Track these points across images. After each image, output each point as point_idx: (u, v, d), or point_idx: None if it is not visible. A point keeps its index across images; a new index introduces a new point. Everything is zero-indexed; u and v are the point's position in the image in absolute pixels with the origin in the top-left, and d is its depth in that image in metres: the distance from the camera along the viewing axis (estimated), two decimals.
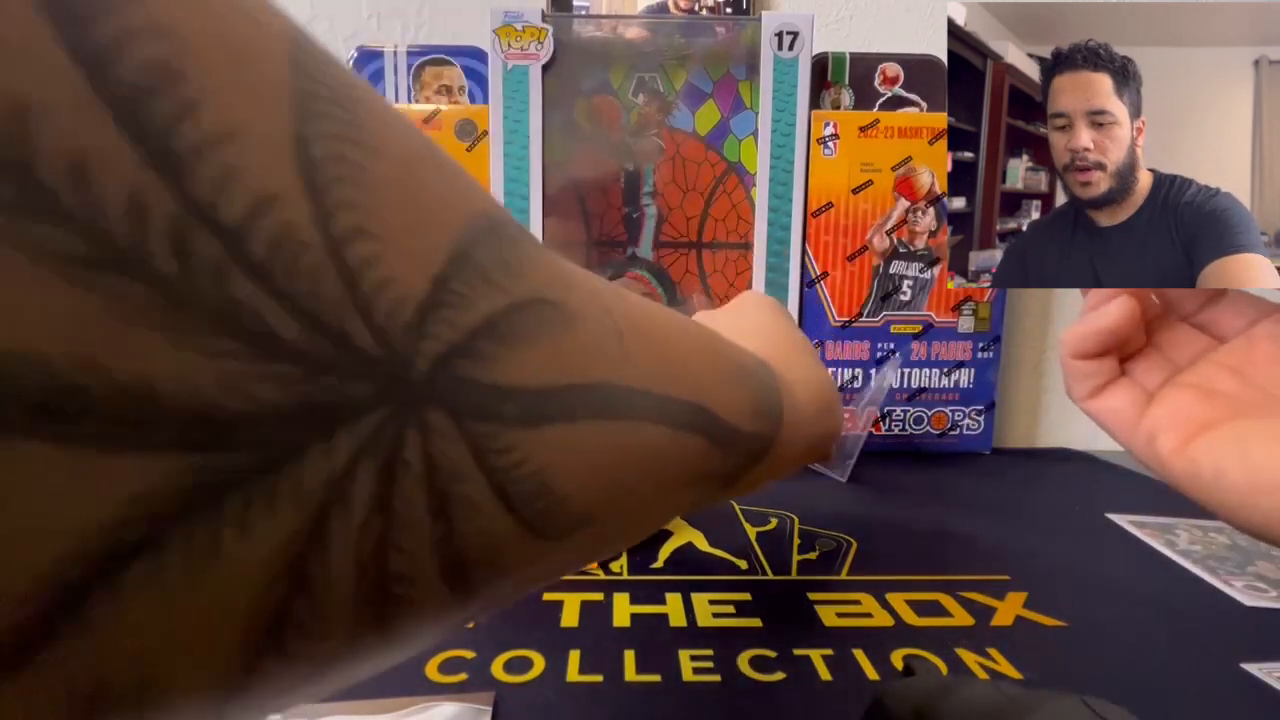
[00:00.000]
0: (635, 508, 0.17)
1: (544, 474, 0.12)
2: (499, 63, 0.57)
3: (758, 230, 0.60)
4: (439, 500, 0.10)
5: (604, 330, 0.14)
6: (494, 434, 0.11)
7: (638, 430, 0.15)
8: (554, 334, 0.13)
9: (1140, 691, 0.29)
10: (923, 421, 0.63)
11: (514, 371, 0.11)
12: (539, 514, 0.12)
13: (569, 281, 0.14)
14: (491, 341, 0.11)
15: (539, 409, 0.12)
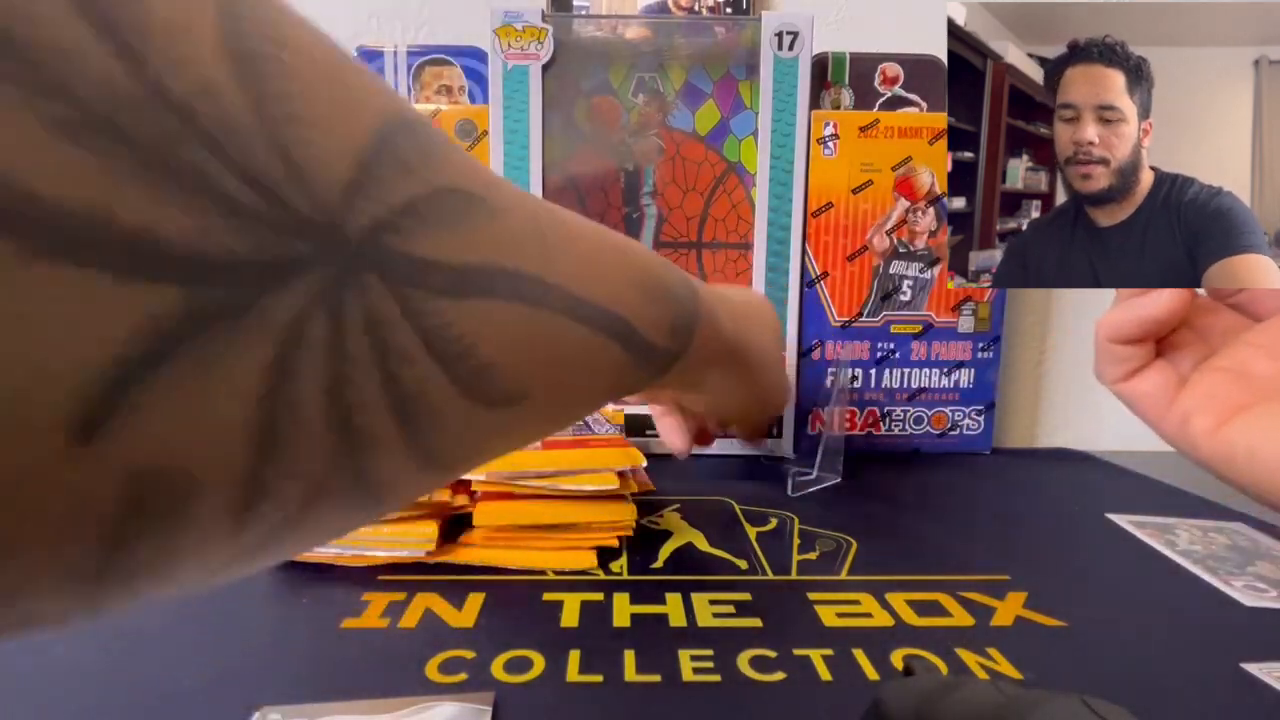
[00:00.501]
0: (563, 393, 0.19)
1: (469, 338, 0.15)
2: (499, 63, 0.57)
3: (758, 230, 0.60)
4: (379, 346, 0.13)
5: (527, 229, 0.17)
6: (420, 297, 0.13)
7: (558, 322, 0.18)
8: (474, 221, 0.15)
9: (1140, 691, 0.29)
10: (923, 421, 0.63)
11: (434, 247, 0.14)
12: (469, 375, 0.15)
13: (492, 182, 0.16)
14: (413, 220, 0.13)
15: (459, 283, 0.14)
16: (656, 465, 0.51)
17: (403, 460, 0.14)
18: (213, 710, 0.26)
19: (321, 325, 0.12)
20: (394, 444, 0.14)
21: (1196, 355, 0.29)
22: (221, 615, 0.33)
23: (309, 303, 0.11)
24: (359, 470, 0.13)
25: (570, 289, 0.18)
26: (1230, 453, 0.26)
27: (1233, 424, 0.26)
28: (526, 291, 0.16)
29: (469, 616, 0.33)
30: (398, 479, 0.14)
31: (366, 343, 0.12)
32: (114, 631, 0.31)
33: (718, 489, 0.51)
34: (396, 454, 0.14)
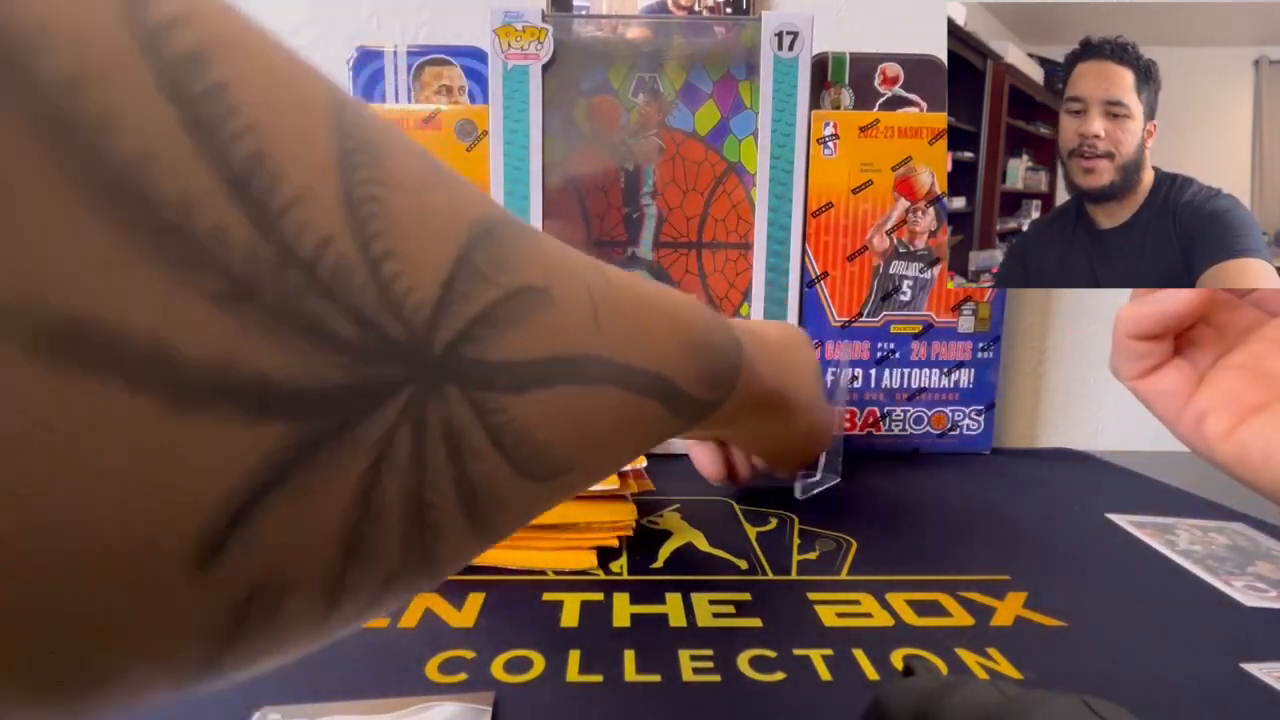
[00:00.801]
0: (605, 455, 0.21)
1: (528, 428, 0.16)
2: (499, 63, 0.57)
3: (758, 230, 0.60)
4: (454, 449, 0.14)
5: (581, 308, 0.18)
6: (490, 399, 0.14)
7: (604, 394, 0.19)
8: (537, 316, 0.16)
9: (1140, 691, 0.29)
10: (923, 421, 0.63)
11: (504, 349, 0.15)
12: (525, 458, 0.16)
13: (554, 267, 0.17)
14: (487, 327, 0.14)
15: (524, 378, 0.15)
16: (656, 465, 0.51)
17: (465, 540, 0.15)
18: (213, 710, 0.26)
19: (407, 437, 0.13)
20: (460, 529, 0.15)
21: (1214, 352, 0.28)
22: None
23: (398, 418, 0.12)
24: (428, 556, 0.14)
25: (618, 359, 0.19)
26: (1245, 454, 0.26)
27: (1248, 425, 0.26)
28: (579, 372, 0.17)
29: (469, 616, 0.33)
30: (459, 555, 0.16)
31: (444, 448, 0.14)
32: None
33: (718, 489, 0.51)
34: (461, 536, 0.15)
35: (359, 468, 0.12)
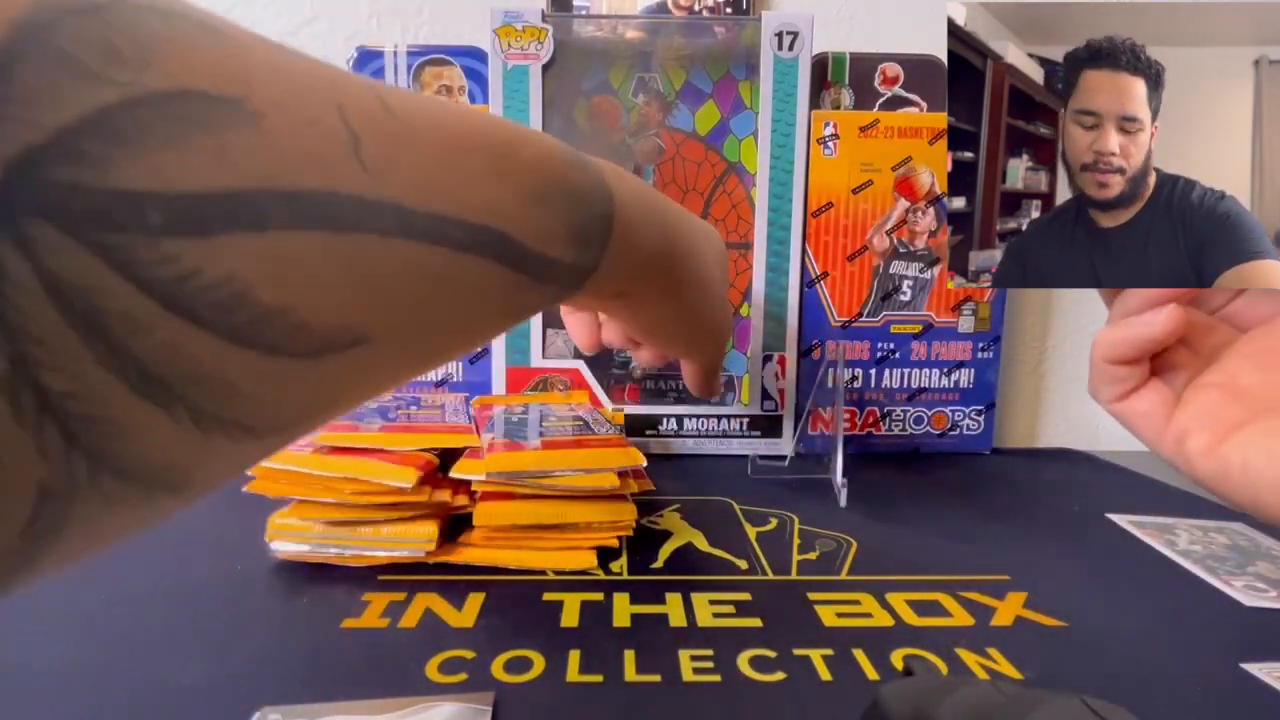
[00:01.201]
0: (425, 327, 0.17)
1: (233, 285, 0.12)
2: (499, 63, 0.57)
3: (758, 230, 0.60)
4: (79, 317, 0.10)
5: (322, 133, 0.14)
6: (136, 245, 0.11)
7: (389, 246, 0.15)
8: (216, 132, 0.12)
9: (1140, 691, 0.29)
10: (923, 421, 0.63)
11: (148, 176, 0.11)
12: (247, 327, 0.12)
13: (250, 74, 0.13)
14: (102, 142, 0.10)
15: (202, 214, 0.11)
16: (656, 465, 0.51)
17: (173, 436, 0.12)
18: (213, 710, 0.26)
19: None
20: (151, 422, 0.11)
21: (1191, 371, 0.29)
22: (221, 615, 0.33)
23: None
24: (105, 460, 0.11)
25: (408, 204, 0.15)
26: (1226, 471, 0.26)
27: (1228, 442, 0.26)
28: (327, 214, 0.13)
29: (469, 616, 0.33)
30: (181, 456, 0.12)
31: (54, 311, 0.10)
32: (115, 631, 0.31)
33: (718, 489, 0.51)
34: (164, 434, 0.12)
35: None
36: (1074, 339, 0.72)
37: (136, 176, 0.11)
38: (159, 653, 0.30)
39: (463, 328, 0.19)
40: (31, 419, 0.10)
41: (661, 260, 0.28)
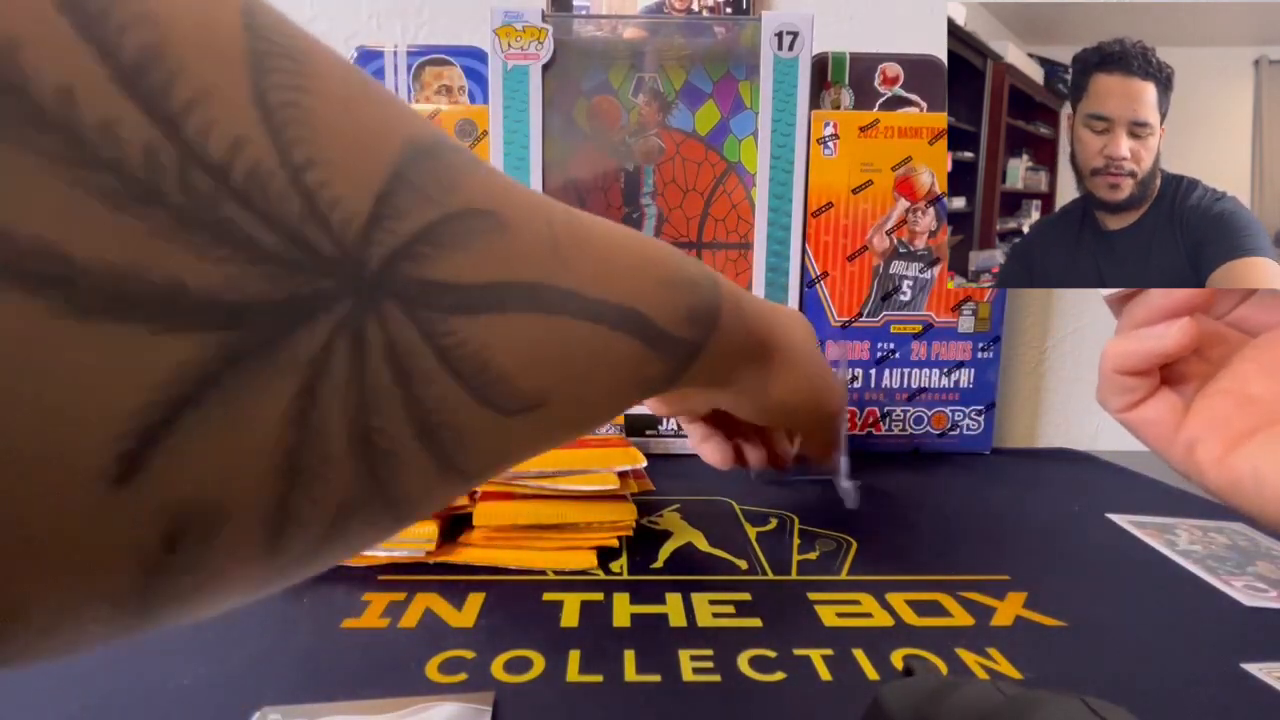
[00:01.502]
0: (585, 392, 0.20)
1: (483, 353, 0.15)
2: (499, 63, 0.57)
3: (758, 230, 0.60)
4: (400, 371, 0.13)
5: (539, 237, 0.17)
6: (438, 319, 0.14)
7: (573, 326, 0.18)
8: (486, 239, 0.15)
9: (1140, 691, 0.29)
10: (923, 421, 0.63)
11: (450, 270, 0.14)
12: (485, 386, 0.15)
13: (504, 195, 0.17)
14: (429, 246, 0.14)
15: (472, 300, 0.15)
16: (656, 465, 0.51)
17: (427, 474, 0.15)
18: (213, 710, 0.26)
19: (344, 356, 0.12)
20: (417, 460, 0.14)
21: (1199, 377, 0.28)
22: (222, 615, 0.33)
23: (332, 335, 0.12)
24: (384, 488, 0.14)
25: (584, 291, 0.19)
26: (1237, 480, 0.26)
27: (1238, 452, 0.26)
28: (540, 300, 0.17)
29: (469, 616, 0.33)
30: (423, 491, 0.15)
31: (387, 369, 0.13)
32: None
33: (718, 489, 0.51)
34: (420, 469, 0.14)
35: (291, 386, 0.11)
36: (1074, 339, 0.72)
37: (443, 270, 0.14)
38: (159, 653, 0.30)
39: (608, 396, 0.22)
40: (357, 449, 0.13)
41: (758, 341, 0.32)
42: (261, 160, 0.11)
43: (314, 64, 0.13)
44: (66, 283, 0.09)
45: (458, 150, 0.16)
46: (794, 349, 0.36)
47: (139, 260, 0.10)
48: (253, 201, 0.11)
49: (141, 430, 0.10)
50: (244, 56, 0.11)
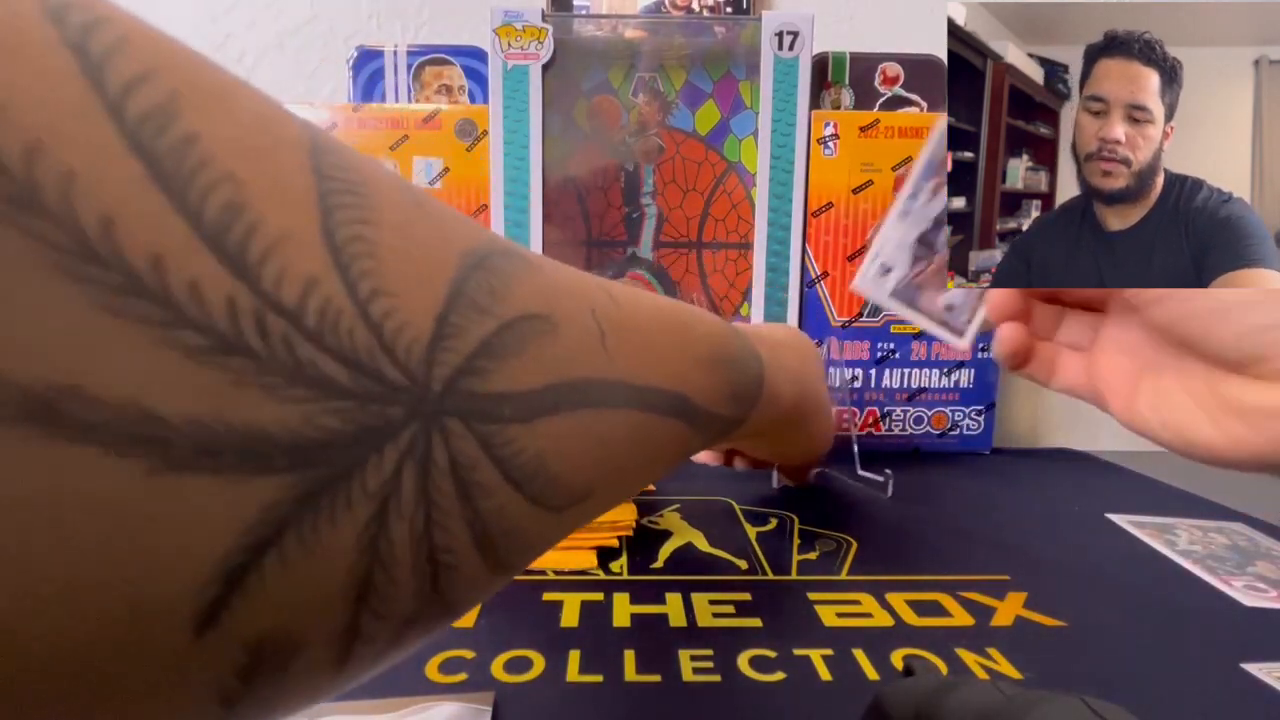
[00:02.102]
0: (625, 479, 0.20)
1: (539, 458, 0.15)
2: (499, 63, 0.57)
3: (758, 230, 0.60)
4: (462, 487, 0.13)
5: (587, 332, 0.17)
6: (496, 431, 0.14)
7: (619, 417, 0.18)
8: (538, 343, 0.16)
9: (1140, 691, 0.29)
10: (923, 421, 0.63)
11: (507, 379, 0.14)
12: (540, 490, 0.15)
13: (553, 293, 0.17)
14: (486, 359, 0.14)
15: (530, 406, 0.15)
16: None
17: (483, 578, 0.15)
18: None
19: (411, 479, 0.12)
20: (475, 567, 0.14)
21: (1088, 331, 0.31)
22: None
23: (400, 461, 0.12)
24: (443, 597, 0.14)
25: (630, 380, 0.19)
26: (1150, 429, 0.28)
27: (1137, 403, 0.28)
28: (590, 396, 0.17)
29: (469, 616, 0.33)
30: (476, 592, 0.15)
31: (451, 485, 0.13)
32: None
33: (718, 489, 0.51)
34: (477, 575, 0.15)
35: (364, 514, 0.12)
36: None
37: (501, 381, 0.14)
38: None
39: (649, 475, 0.22)
40: (421, 567, 0.13)
41: (791, 407, 0.33)
42: (332, 298, 0.11)
43: (375, 194, 0.13)
44: (160, 442, 0.09)
45: (508, 254, 0.16)
46: (818, 412, 0.38)
47: (223, 410, 0.10)
48: (325, 340, 0.11)
49: (226, 575, 0.10)
50: (313, 199, 0.12)
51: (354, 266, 0.12)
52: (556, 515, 0.16)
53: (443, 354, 0.13)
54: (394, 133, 0.58)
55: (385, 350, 0.12)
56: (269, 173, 0.11)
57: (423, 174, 0.59)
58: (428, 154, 0.58)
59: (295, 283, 0.11)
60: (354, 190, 0.13)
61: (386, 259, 0.12)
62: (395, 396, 0.12)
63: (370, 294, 0.12)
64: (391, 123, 0.58)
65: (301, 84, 0.67)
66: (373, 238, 0.12)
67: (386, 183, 0.14)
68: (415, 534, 0.13)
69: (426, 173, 0.59)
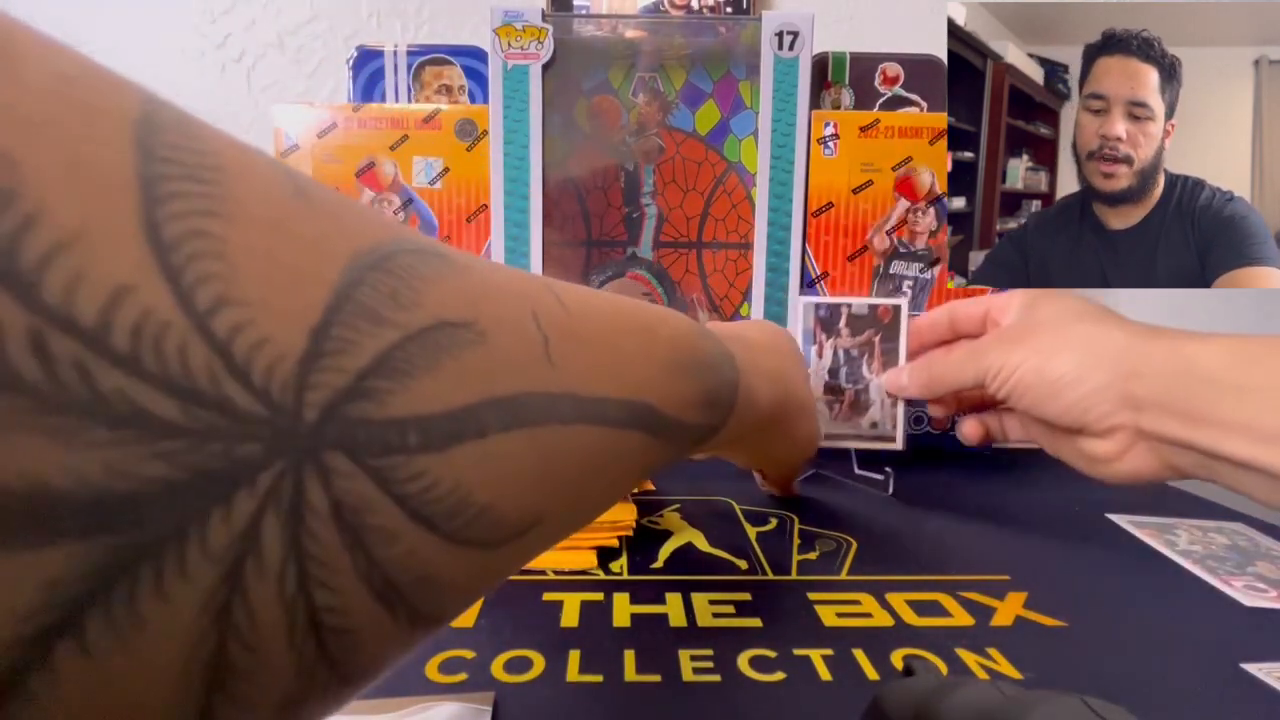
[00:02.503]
0: (583, 501, 0.18)
1: (459, 491, 0.13)
2: (499, 63, 0.57)
3: (758, 230, 0.60)
4: (351, 535, 0.11)
5: (525, 340, 0.15)
6: (398, 465, 0.12)
7: (567, 433, 0.16)
8: (458, 355, 0.13)
9: (1140, 691, 0.29)
10: (923, 422, 0.63)
11: (413, 401, 0.12)
12: (462, 527, 0.13)
13: (481, 295, 0.14)
14: (384, 378, 0.12)
15: (445, 431, 0.13)
16: None
17: (393, 637, 0.13)
18: None
19: (275, 532, 0.10)
20: (380, 627, 0.12)
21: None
22: None
23: (258, 511, 0.10)
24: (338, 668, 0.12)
25: (581, 391, 0.16)
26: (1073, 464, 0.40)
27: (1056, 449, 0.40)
28: (527, 413, 0.15)
29: (469, 616, 0.33)
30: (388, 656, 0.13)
31: (333, 533, 0.11)
32: None
33: (718, 489, 0.51)
34: (384, 635, 0.12)
35: (206, 582, 0.09)
36: None
37: (405, 404, 0.12)
38: None
39: (610, 495, 0.20)
40: (300, 636, 0.11)
41: (775, 411, 0.32)
42: (152, 310, 0.09)
43: (232, 182, 0.11)
44: None
45: (422, 251, 0.13)
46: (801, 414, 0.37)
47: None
48: (142, 364, 0.09)
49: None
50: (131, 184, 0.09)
51: (189, 270, 0.09)
52: (491, 552, 0.14)
53: (320, 374, 0.11)
54: (394, 133, 0.58)
55: (234, 374, 0.10)
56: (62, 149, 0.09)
57: (423, 174, 0.59)
58: (428, 154, 0.58)
59: (95, 292, 0.08)
60: (197, 176, 0.10)
61: (239, 260, 0.10)
62: (250, 431, 0.10)
63: (213, 304, 0.10)
64: (391, 123, 0.58)
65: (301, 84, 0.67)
66: (220, 233, 0.10)
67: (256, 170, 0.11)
68: (286, 597, 0.10)
69: (426, 173, 0.59)
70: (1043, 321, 0.38)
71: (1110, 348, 0.35)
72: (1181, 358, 0.33)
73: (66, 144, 0.09)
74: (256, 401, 0.10)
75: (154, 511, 0.09)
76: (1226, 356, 0.32)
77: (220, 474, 0.09)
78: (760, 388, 0.29)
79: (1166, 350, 0.33)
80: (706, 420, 0.24)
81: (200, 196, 0.10)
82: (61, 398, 0.08)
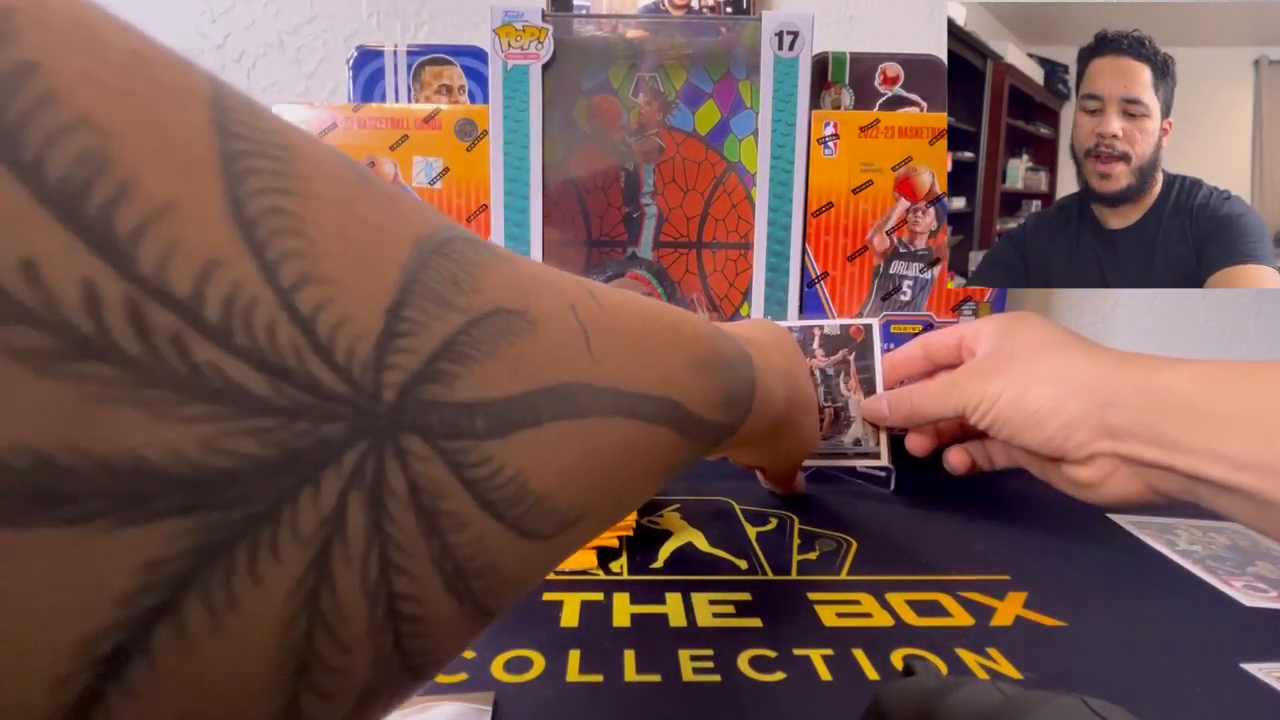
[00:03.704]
0: (621, 497, 0.18)
1: (519, 479, 0.13)
2: (499, 63, 0.57)
3: (758, 230, 0.60)
4: (427, 520, 0.11)
5: (568, 332, 0.15)
6: (468, 449, 0.12)
7: (607, 426, 0.16)
8: (515, 342, 0.13)
9: (1140, 691, 0.29)
10: None
11: (478, 386, 0.12)
12: (524, 516, 0.13)
13: (529, 286, 0.14)
14: (452, 361, 0.12)
15: (507, 417, 0.13)
16: None
17: (458, 629, 0.12)
18: None
19: (360, 516, 0.10)
20: (447, 616, 0.12)
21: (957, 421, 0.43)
22: None
23: (343, 492, 0.10)
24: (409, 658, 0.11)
25: (619, 385, 0.17)
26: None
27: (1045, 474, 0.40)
28: (576, 404, 0.15)
29: None
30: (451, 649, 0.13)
31: (413, 518, 0.11)
32: None
33: (718, 489, 0.51)
34: (451, 626, 0.12)
35: (297, 565, 0.09)
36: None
37: (471, 388, 0.12)
38: None
39: (642, 492, 0.20)
40: (379, 624, 0.10)
41: (787, 412, 0.32)
42: (242, 284, 0.09)
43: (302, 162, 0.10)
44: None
45: (472, 241, 0.14)
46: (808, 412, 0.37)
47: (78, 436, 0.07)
48: (234, 339, 0.09)
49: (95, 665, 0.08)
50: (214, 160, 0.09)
51: (273, 245, 0.09)
52: (545, 544, 0.14)
53: (396, 355, 0.11)
54: (394, 133, 0.58)
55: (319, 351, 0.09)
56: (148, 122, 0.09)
57: (423, 174, 0.59)
58: (428, 154, 0.58)
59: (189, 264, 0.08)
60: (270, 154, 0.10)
61: (317, 238, 0.10)
62: (334, 410, 0.10)
63: (297, 280, 0.09)
64: (391, 123, 0.58)
65: (301, 84, 0.67)
66: (298, 211, 0.10)
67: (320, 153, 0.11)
68: (369, 583, 0.10)
69: (426, 173, 0.59)
70: (1017, 351, 0.38)
71: (1082, 378, 0.36)
72: (1151, 387, 0.34)
73: (152, 117, 0.09)
74: (340, 381, 0.10)
75: (248, 490, 0.09)
76: (1195, 384, 0.32)
77: (308, 453, 0.09)
78: (775, 387, 0.30)
79: (1138, 380, 0.34)
80: (727, 419, 0.24)
81: (275, 174, 0.10)
82: (159, 370, 0.08)
